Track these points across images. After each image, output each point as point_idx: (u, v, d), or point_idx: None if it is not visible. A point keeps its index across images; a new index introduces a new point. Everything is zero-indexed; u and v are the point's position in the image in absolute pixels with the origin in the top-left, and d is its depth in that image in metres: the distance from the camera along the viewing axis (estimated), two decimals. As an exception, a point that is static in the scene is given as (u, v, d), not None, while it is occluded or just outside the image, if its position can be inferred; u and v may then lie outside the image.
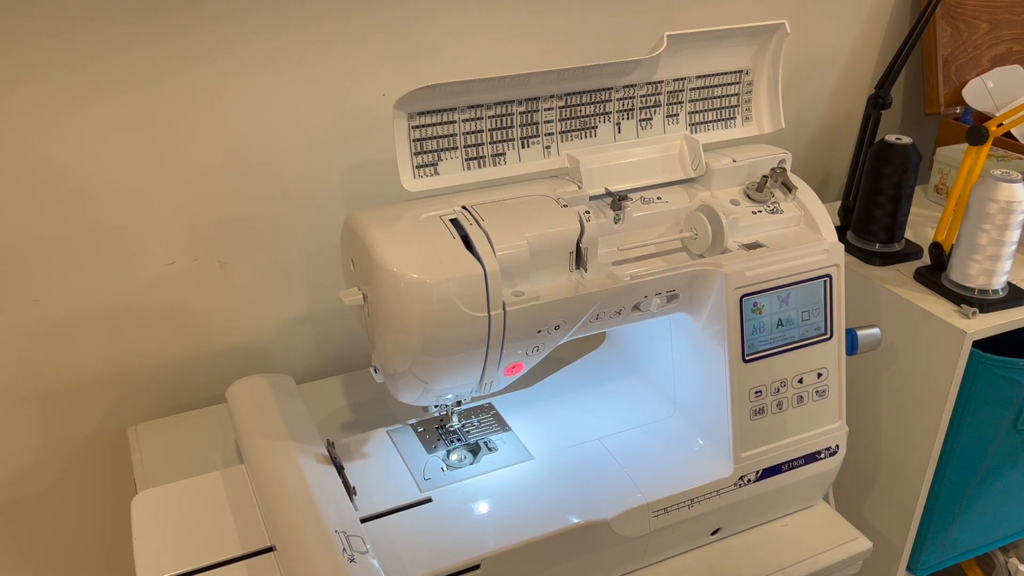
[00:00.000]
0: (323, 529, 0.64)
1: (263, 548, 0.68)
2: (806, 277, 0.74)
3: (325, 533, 0.64)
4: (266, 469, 0.72)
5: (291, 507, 0.67)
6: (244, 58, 0.85)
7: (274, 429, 0.76)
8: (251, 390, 0.82)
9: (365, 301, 0.67)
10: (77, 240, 0.86)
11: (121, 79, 0.81)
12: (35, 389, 0.91)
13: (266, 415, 0.78)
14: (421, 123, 0.66)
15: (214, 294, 0.94)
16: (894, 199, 1.02)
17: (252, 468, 0.74)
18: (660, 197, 0.74)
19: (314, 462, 0.73)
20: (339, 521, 0.66)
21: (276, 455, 0.73)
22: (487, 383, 0.70)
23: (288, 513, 0.67)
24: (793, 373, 0.76)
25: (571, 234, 0.67)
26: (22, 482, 0.94)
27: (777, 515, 0.81)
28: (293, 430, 0.76)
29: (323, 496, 0.69)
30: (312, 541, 0.64)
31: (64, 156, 0.82)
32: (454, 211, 0.66)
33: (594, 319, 0.70)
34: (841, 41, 1.24)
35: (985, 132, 0.95)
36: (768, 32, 0.75)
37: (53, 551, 1.00)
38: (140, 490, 0.75)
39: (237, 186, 0.90)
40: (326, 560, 0.62)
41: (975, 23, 1.28)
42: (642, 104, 0.74)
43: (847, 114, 1.29)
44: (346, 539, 0.64)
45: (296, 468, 0.71)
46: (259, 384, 0.83)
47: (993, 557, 1.24)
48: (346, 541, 0.64)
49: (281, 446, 0.74)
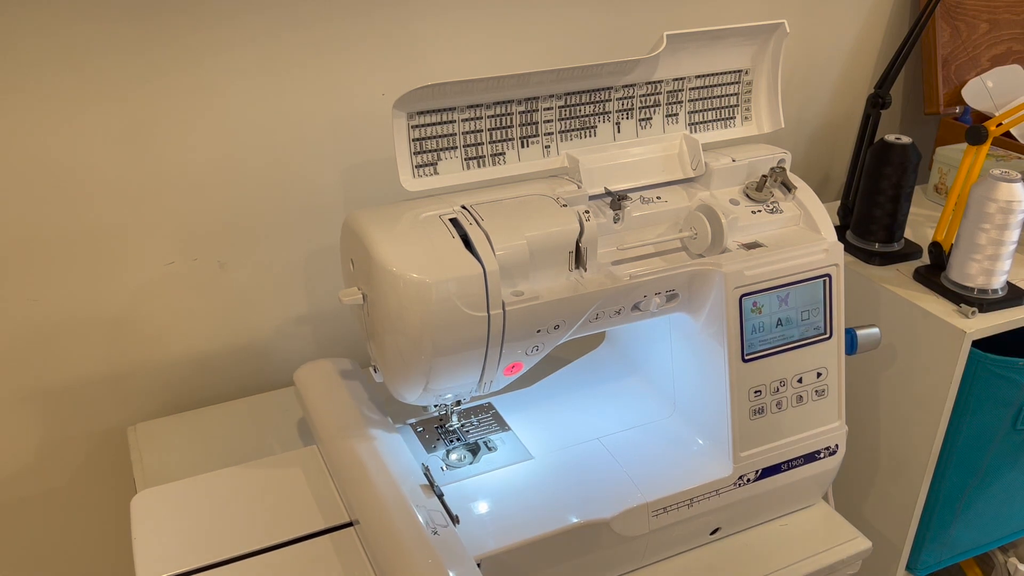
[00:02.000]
0: (406, 504, 0.66)
1: (263, 548, 0.68)
2: (806, 277, 0.74)
3: (408, 508, 0.66)
4: (344, 447, 0.74)
5: (372, 483, 0.69)
6: (244, 58, 0.85)
7: (345, 411, 0.78)
8: (320, 372, 0.84)
9: (365, 301, 0.67)
10: (77, 240, 0.86)
11: (121, 80, 0.81)
12: (35, 389, 0.91)
13: (334, 397, 0.81)
14: (420, 123, 0.66)
15: (214, 294, 0.94)
16: (894, 199, 1.02)
17: (327, 447, 0.76)
18: (659, 197, 0.74)
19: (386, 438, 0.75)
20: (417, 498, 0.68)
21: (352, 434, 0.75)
22: (487, 383, 0.70)
23: (371, 488, 0.68)
24: (793, 373, 0.76)
25: (571, 234, 0.67)
26: (22, 482, 0.94)
27: (777, 515, 0.81)
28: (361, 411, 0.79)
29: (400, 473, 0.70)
30: (396, 516, 0.65)
31: (64, 156, 0.82)
32: (453, 211, 0.66)
33: (594, 319, 0.70)
34: (841, 41, 1.24)
35: (984, 132, 0.95)
36: (768, 32, 0.75)
37: (53, 551, 1.00)
38: (140, 490, 0.75)
39: (237, 186, 0.90)
40: (412, 535, 0.64)
41: (974, 23, 1.28)
42: (642, 104, 0.74)
43: (847, 114, 1.29)
44: (428, 514, 0.66)
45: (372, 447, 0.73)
46: (326, 367, 0.85)
47: (992, 557, 1.24)
48: (428, 516, 0.66)
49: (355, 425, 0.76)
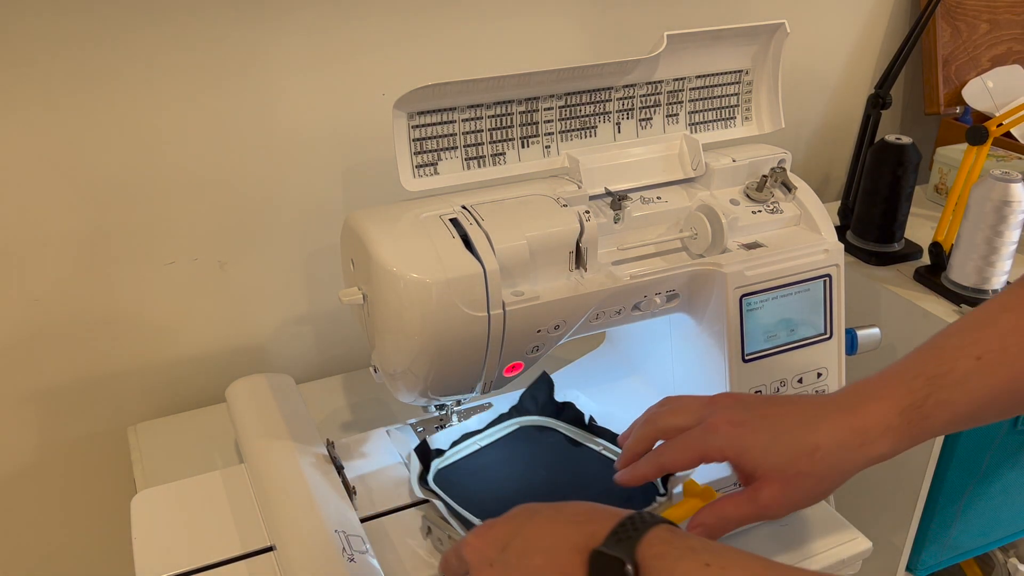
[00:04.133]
0: (323, 528, 0.64)
1: (263, 548, 0.68)
2: (806, 277, 0.74)
3: (325, 532, 0.64)
4: (266, 468, 0.72)
5: (290, 506, 0.67)
6: (244, 57, 0.85)
7: (274, 429, 0.76)
8: (251, 390, 0.82)
9: (365, 301, 0.67)
10: (77, 240, 0.86)
11: (121, 79, 0.81)
12: (35, 389, 0.91)
13: (266, 415, 0.78)
14: (421, 123, 0.66)
15: (214, 294, 0.94)
16: (894, 199, 1.02)
17: (252, 468, 0.74)
18: (660, 197, 0.74)
19: (314, 462, 0.73)
20: (339, 521, 0.66)
21: (276, 455, 0.73)
22: (487, 383, 0.70)
23: (287, 512, 0.67)
24: (793, 373, 0.76)
25: (571, 234, 0.67)
26: (22, 482, 0.94)
27: (777, 515, 0.81)
28: (293, 430, 0.76)
29: (322, 496, 0.69)
30: (311, 540, 0.64)
31: (64, 156, 0.82)
32: (454, 211, 0.66)
33: (594, 319, 0.70)
34: (841, 41, 1.24)
35: (985, 132, 0.95)
36: (768, 32, 0.75)
37: (53, 551, 1.00)
38: (140, 490, 0.75)
39: (237, 186, 0.90)
40: (326, 559, 0.62)
41: (975, 23, 1.28)
42: (642, 104, 0.74)
43: (847, 114, 1.29)
44: (346, 539, 0.64)
45: (295, 468, 0.71)
46: (259, 383, 0.83)
47: (993, 557, 1.24)
48: (346, 540, 0.64)
49: (281, 446, 0.74)
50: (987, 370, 0.56)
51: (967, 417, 0.57)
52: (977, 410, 0.56)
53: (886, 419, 0.55)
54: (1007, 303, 0.59)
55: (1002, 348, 0.56)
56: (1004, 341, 0.56)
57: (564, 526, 0.50)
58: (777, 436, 0.55)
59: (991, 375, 0.56)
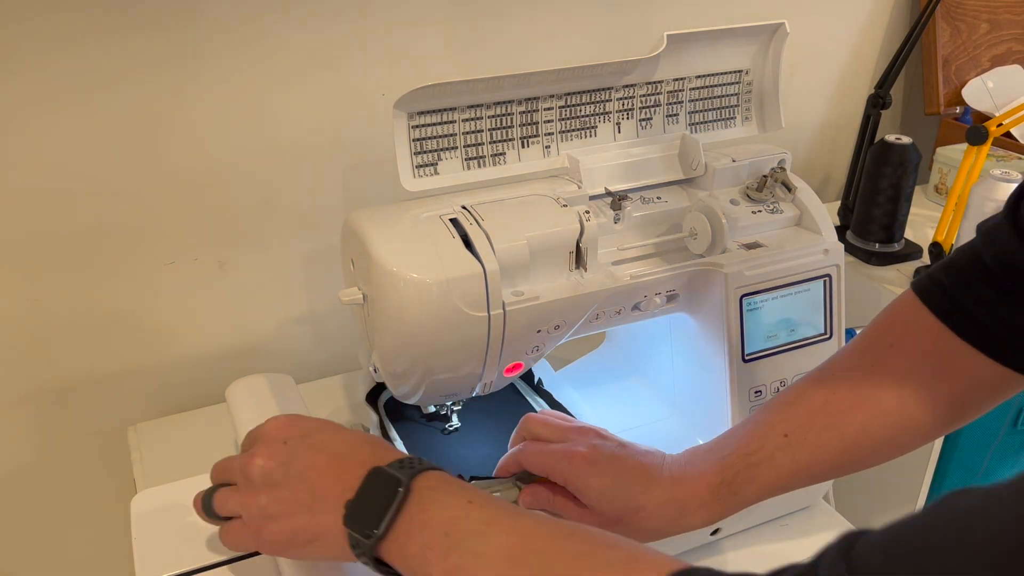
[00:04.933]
0: None
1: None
2: (806, 277, 0.74)
3: None
4: None
5: None
6: (244, 57, 0.85)
7: None
8: (251, 390, 0.82)
9: (364, 300, 0.67)
10: (77, 240, 0.86)
11: (120, 79, 0.81)
12: (35, 389, 0.91)
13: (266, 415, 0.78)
14: (421, 123, 0.66)
15: (214, 294, 0.94)
16: (894, 199, 1.02)
17: None
18: (660, 197, 0.74)
19: None
20: None
21: None
22: (487, 383, 0.70)
23: None
24: (793, 373, 0.76)
25: (571, 234, 0.67)
26: (21, 482, 0.94)
27: (777, 515, 0.81)
28: None
29: None
30: None
31: (64, 156, 0.82)
32: (454, 211, 0.66)
33: (594, 319, 0.70)
34: (841, 41, 1.24)
35: (985, 132, 0.95)
36: (768, 32, 0.75)
37: (53, 551, 1.00)
38: (140, 490, 0.75)
39: (237, 186, 0.90)
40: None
41: (975, 23, 1.28)
42: (642, 104, 0.74)
43: (847, 114, 1.29)
44: None
45: None
46: (259, 383, 0.82)
47: (993, 557, 1.24)
48: None
49: None
50: (794, 446, 0.61)
51: (774, 489, 0.62)
52: (784, 483, 0.61)
53: (700, 495, 0.61)
54: (820, 378, 0.63)
55: (808, 425, 0.61)
56: (811, 419, 0.61)
57: (361, 442, 0.55)
58: (617, 486, 0.61)
59: (797, 450, 0.60)
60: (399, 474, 0.50)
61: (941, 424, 0.61)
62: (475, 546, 0.46)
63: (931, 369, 0.59)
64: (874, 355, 0.62)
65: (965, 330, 0.58)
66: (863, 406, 0.60)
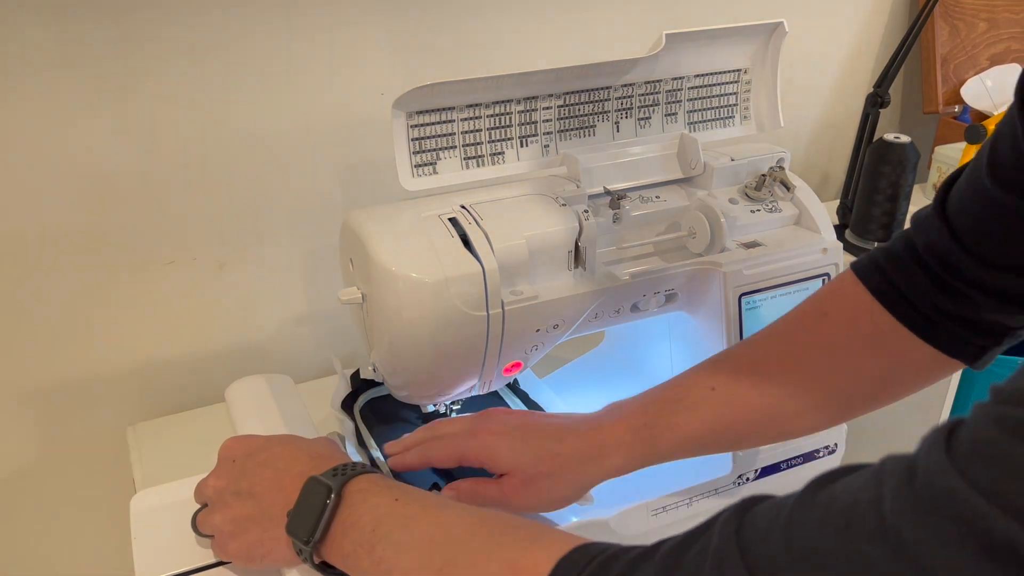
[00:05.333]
0: None
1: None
2: (805, 276, 0.74)
3: None
4: None
5: None
6: (243, 57, 0.85)
7: (273, 429, 0.76)
8: (251, 390, 0.82)
9: (364, 300, 0.67)
10: (77, 240, 0.86)
11: (120, 79, 0.81)
12: (35, 389, 0.91)
13: (265, 415, 0.78)
14: (420, 122, 0.66)
15: (214, 294, 0.94)
16: (892, 198, 1.03)
17: None
18: (659, 196, 0.74)
19: None
20: None
21: None
22: (486, 382, 0.70)
23: None
24: (792, 372, 0.76)
25: (570, 233, 0.67)
26: (21, 481, 0.95)
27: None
28: (292, 430, 0.76)
29: None
30: None
31: (63, 156, 0.82)
32: (453, 210, 0.66)
33: (593, 318, 0.70)
34: (840, 40, 1.24)
35: (983, 131, 0.95)
36: (767, 31, 0.75)
37: (53, 551, 1.00)
38: (140, 490, 0.75)
39: (236, 185, 0.90)
40: None
41: (973, 22, 1.28)
42: (640, 103, 0.74)
43: (846, 113, 1.29)
44: None
45: None
46: (258, 384, 0.83)
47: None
48: None
49: None
50: (719, 399, 0.61)
51: (694, 442, 0.61)
52: (705, 435, 0.61)
53: (619, 435, 0.61)
54: (752, 340, 0.64)
55: (735, 381, 0.61)
56: (738, 376, 0.61)
57: (302, 456, 0.59)
58: (527, 443, 0.62)
59: (722, 404, 0.61)
60: (331, 482, 0.54)
61: (867, 398, 0.62)
62: (399, 538, 0.50)
63: (862, 342, 0.60)
64: (807, 321, 0.62)
65: (897, 309, 0.58)
66: (793, 370, 0.61)
